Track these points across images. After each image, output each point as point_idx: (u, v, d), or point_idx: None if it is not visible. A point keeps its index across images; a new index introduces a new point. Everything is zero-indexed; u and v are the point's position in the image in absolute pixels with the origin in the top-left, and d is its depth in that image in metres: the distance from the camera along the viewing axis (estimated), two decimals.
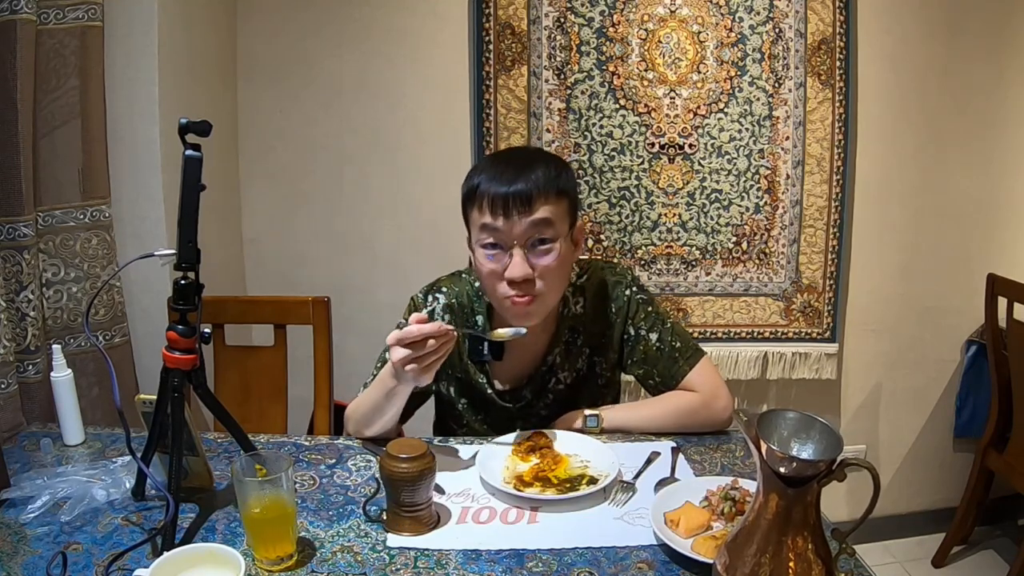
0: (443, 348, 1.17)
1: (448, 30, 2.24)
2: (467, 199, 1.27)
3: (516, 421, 1.41)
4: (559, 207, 1.25)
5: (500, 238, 1.23)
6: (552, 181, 1.23)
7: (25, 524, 1.10)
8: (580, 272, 1.43)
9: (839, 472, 0.80)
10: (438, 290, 1.43)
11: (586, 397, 1.44)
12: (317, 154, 2.32)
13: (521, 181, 1.21)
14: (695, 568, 0.99)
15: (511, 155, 1.29)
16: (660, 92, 2.27)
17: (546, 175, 1.23)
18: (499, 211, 1.21)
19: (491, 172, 1.24)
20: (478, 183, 1.24)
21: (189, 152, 1.05)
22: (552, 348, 1.40)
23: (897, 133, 2.37)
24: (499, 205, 1.21)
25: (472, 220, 1.28)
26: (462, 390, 1.44)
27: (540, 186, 1.22)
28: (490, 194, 1.22)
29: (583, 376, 1.43)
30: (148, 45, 1.77)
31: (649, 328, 1.41)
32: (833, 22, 2.26)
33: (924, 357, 2.55)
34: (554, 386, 1.42)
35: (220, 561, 0.93)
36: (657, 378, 1.42)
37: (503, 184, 1.21)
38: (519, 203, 1.21)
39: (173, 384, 1.08)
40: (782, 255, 2.38)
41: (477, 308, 1.41)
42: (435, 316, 1.40)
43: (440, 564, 1.01)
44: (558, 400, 1.42)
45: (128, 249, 1.78)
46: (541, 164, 1.25)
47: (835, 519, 1.07)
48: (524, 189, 1.21)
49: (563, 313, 1.41)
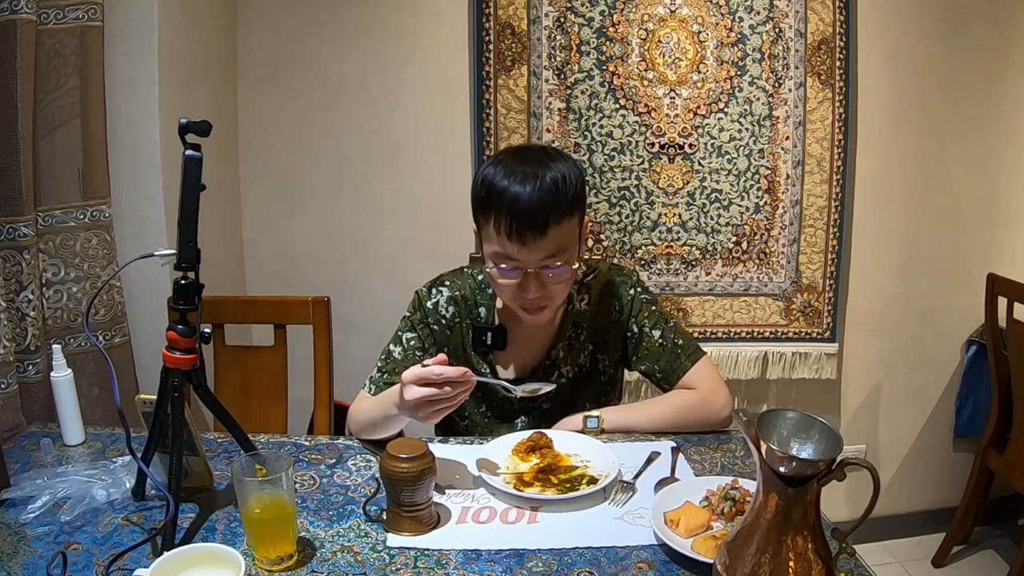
0: (459, 397, 1.14)
1: (448, 30, 2.24)
2: (481, 207, 1.25)
3: (518, 414, 1.43)
4: (571, 223, 1.25)
5: (515, 264, 1.24)
6: (564, 196, 1.22)
7: (25, 524, 1.10)
8: (587, 271, 1.45)
9: (839, 472, 0.80)
10: (442, 283, 1.44)
11: (589, 393, 1.45)
12: (317, 154, 2.32)
13: (535, 201, 1.19)
14: (695, 568, 0.99)
15: (525, 158, 1.25)
16: (660, 92, 2.27)
17: (557, 187, 1.21)
18: (514, 238, 1.21)
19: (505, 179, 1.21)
20: (493, 193, 1.22)
21: (189, 152, 1.05)
22: (556, 343, 1.42)
23: (897, 133, 2.37)
24: (515, 231, 1.20)
25: (485, 233, 1.27)
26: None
27: (553, 205, 1.20)
28: (505, 216, 1.20)
29: (586, 372, 1.45)
30: (148, 45, 1.77)
31: (653, 325, 1.43)
32: (833, 22, 2.26)
33: (924, 357, 2.55)
34: (556, 380, 1.43)
35: (220, 561, 0.93)
36: (659, 374, 1.43)
37: (518, 203, 1.19)
38: (533, 230, 1.20)
39: (173, 384, 1.08)
40: (782, 255, 2.38)
41: (480, 300, 1.42)
42: (439, 308, 1.42)
43: (440, 564, 1.01)
44: (561, 394, 1.43)
45: (128, 249, 1.78)
46: (552, 171, 1.22)
47: (835, 519, 1.07)
48: (538, 212, 1.19)
49: (568, 309, 1.42)
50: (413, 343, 1.41)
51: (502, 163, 1.25)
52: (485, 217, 1.25)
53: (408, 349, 1.41)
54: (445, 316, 1.42)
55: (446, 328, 1.42)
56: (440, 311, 1.42)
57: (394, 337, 1.43)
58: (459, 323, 1.42)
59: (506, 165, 1.23)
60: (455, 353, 1.42)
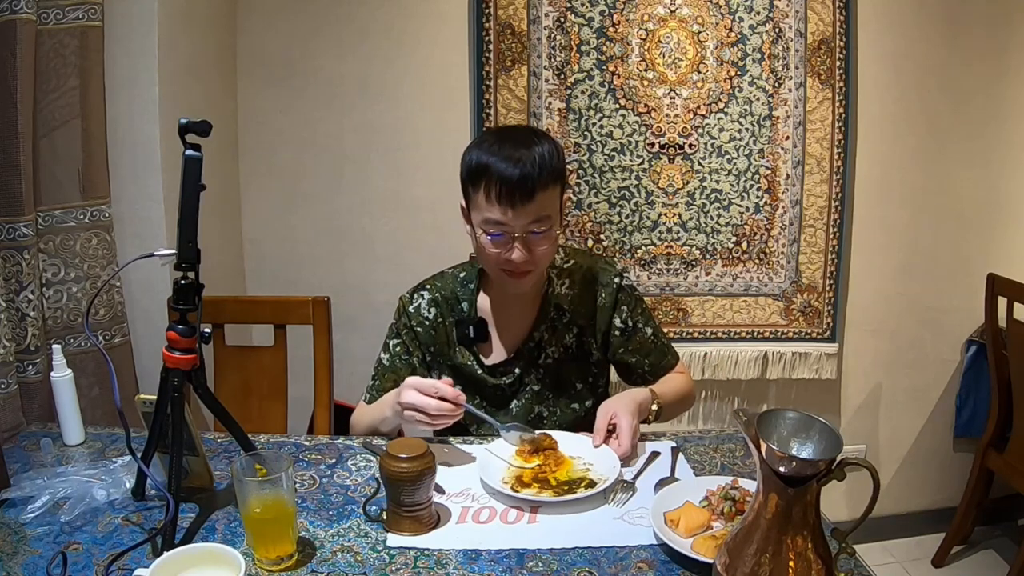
0: (444, 417, 1.25)
1: (448, 30, 2.24)
2: (472, 178, 1.31)
3: (510, 399, 1.47)
4: (555, 191, 1.33)
5: (503, 229, 1.30)
6: (548, 165, 1.29)
7: (25, 524, 1.10)
8: (565, 257, 1.51)
9: (839, 472, 0.80)
10: (423, 288, 1.51)
11: (577, 373, 1.50)
12: (317, 154, 2.32)
13: (524, 166, 1.26)
14: (695, 568, 0.99)
15: (512, 135, 1.34)
16: (660, 92, 2.27)
17: (543, 159, 1.29)
18: (504, 202, 1.27)
19: (495, 154, 1.28)
20: (483, 164, 1.29)
21: (189, 152, 1.05)
22: (538, 325, 1.47)
23: (897, 133, 2.37)
24: (504, 196, 1.27)
25: (474, 202, 1.32)
26: (454, 375, 1.48)
27: (539, 174, 1.27)
28: (495, 182, 1.27)
29: (573, 354, 1.49)
30: (148, 45, 1.77)
31: (645, 323, 1.51)
32: (833, 22, 2.26)
33: (924, 357, 2.55)
34: (543, 361, 1.47)
35: (220, 561, 0.93)
36: (647, 367, 1.52)
37: (507, 170, 1.26)
38: (522, 194, 1.27)
39: (173, 384, 1.08)
40: (782, 255, 2.38)
41: (462, 296, 1.48)
42: (421, 312, 1.48)
43: (440, 564, 1.02)
44: (549, 374, 1.48)
45: (128, 249, 1.78)
46: (538, 145, 1.30)
47: (835, 519, 1.07)
48: (527, 176, 1.26)
49: (548, 292, 1.48)
50: (399, 348, 1.49)
51: (492, 138, 1.33)
52: (475, 187, 1.31)
53: (395, 355, 1.49)
54: (428, 318, 1.48)
55: (430, 329, 1.48)
56: (423, 313, 1.48)
57: (383, 345, 1.51)
58: (442, 323, 1.48)
59: (497, 140, 1.31)
60: (441, 351, 1.49)
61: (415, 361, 1.48)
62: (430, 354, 1.49)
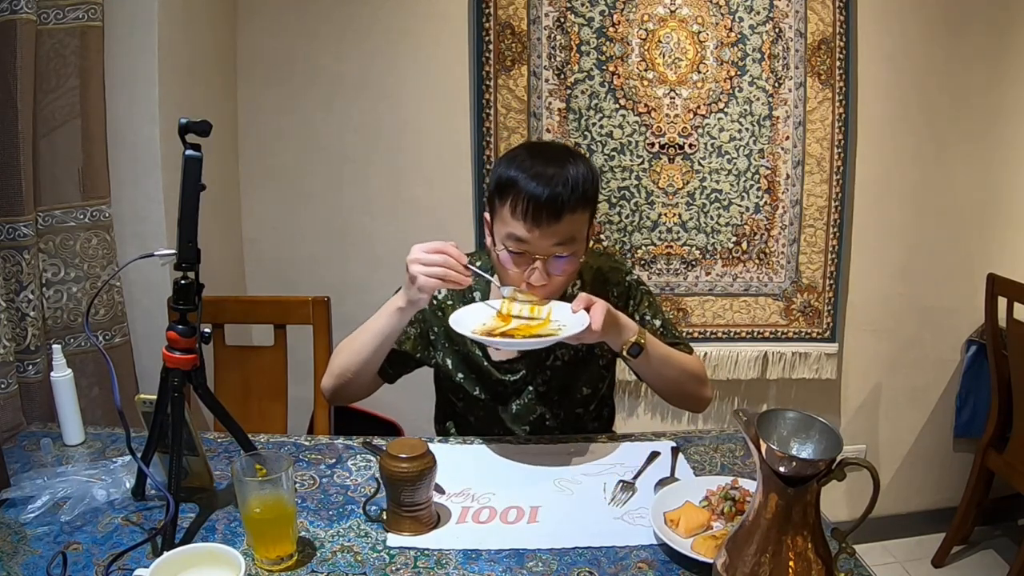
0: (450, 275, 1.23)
1: (448, 30, 2.24)
2: (500, 190, 1.29)
3: (512, 397, 1.45)
4: (584, 216, 1.30)
5: (524, 248, 1.28)
6: (580, 188, 1.26)
7: (25, 524, 1.10)
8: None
9: (839, 472, 0.80)
10: None
11: (583, 377, 1.48)
12: (317, 154, 2.32)
13: (555, 185, 1.23)
14: (695, 568, 0.99)
15: (546, 152, 1.31)
16: (660, 92, 2.27)
17: (575, 181, 1.25)
18: (530, 219, 1.24)
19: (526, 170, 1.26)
20: (512, 178, 1.26)
21: (189, 152, 1.05)
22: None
23: (897, 133, 2.37)
24: (531, 213, 1.24)
25: (499, 215, 1.30)
26: (459, 362, 1.47)
27: (570, 195, 1.24)
28: (523, 198, 1.24)
29: (582, 357, 1.46)
30: (148, 45, 1.77)
31: (653, 315, 1.49)
32: (833, 22, 2.26)
33: (924, 357, 2.55)
34: (552, 363, 1.45)
35: (220, 561, 0.93)
36: None
37: (536, 188, 1.23)
38: (548, 213, 1.24)
39: (173, 384, 1.09)
40: (782, 255, 2.38)
41: (475, 286, 1.46)
42: (437, 298, 1.46)
43: (440, 564, 1.02)
44: (556, 376, 1.45)
45: (128, 249, 1.78)
46: (572, 166, 1.27)
47: (835, 519, 1.07)
48: (556, 195, 1.23)
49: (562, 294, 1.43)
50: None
51: (525, 153, 1.30)
52: (502, 200, 1.28)
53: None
54: (437, 296, 1.46)
55: (437, 309, 1.46)
56: (437, 300, 1.46)
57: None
58: (451, 305, 1.44)
59: (530, 155, 1.29)
60: (449, 336, 1.44)
61: (412, 332, 1.45)
62: (433, 334, 1.47)
